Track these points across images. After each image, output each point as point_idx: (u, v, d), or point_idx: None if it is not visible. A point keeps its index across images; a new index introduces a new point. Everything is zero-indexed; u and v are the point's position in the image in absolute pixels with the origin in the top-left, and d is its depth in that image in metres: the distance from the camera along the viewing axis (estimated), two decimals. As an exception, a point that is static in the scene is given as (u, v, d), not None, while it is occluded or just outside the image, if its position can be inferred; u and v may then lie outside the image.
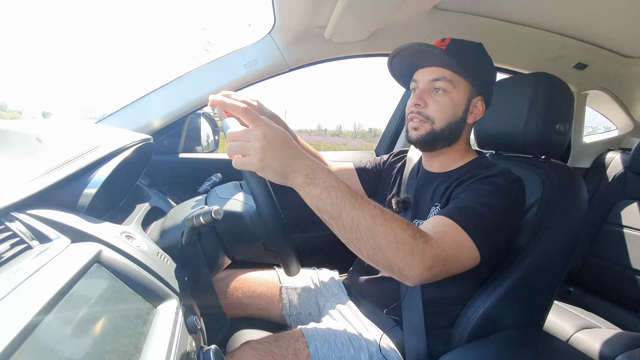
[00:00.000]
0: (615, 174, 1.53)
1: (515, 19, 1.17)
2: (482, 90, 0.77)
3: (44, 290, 0.31)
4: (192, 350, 0.43)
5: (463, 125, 0.78)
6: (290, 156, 0.52)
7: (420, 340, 0.72)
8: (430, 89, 0.76)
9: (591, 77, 1.49)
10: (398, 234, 0.53)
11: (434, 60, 0.75)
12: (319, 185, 0.52)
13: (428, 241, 0.56)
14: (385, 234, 0.53)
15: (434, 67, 0.75)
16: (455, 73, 0.74)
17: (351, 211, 0.52)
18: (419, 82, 0.78)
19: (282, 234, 0.60)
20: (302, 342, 0.70)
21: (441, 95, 0.75)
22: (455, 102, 0.75)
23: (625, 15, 1.10)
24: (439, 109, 0.75)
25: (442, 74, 0.74)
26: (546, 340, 0.71)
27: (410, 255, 0.53)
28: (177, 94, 1.09)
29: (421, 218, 0.79)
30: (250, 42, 1.12)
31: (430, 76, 0.75)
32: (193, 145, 1.24)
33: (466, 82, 0.75)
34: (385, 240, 0.53)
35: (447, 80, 0.74)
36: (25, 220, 0.41)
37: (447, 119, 0.75)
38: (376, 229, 0.52)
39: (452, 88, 0.74)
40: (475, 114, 0.78)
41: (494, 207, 0.65)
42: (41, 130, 0.57)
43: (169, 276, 0.50)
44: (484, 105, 0.79)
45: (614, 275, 1.35)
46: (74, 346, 0.31)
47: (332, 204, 0.52)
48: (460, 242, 0.60)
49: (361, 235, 0.53)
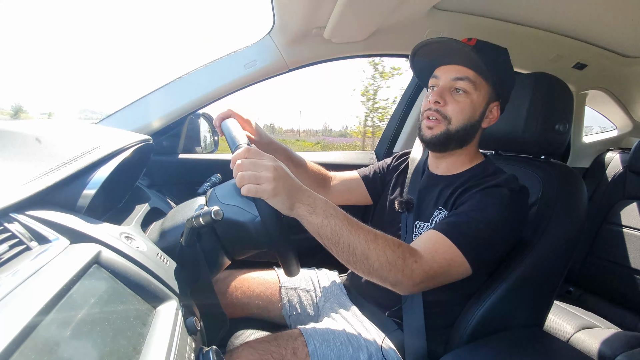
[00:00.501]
0: (614, 173, 1.53)
1: (515, 18, 1.17)
2: (500, 95, 0.76)
3: (43, 291, 0.31)
4: (191, 351, 0.43)
5: (477, 129, 0.77)
6: (295, 188, 0.57)
7: (421, 340, 0.72)
8: (451, 88, 0.74)
9: (590, 77, 1.49)
10: (390, 256, 0.59)
11: (459, 58, 0.73)
12: (320, 214, 0.57)
13: (418, 260, 0.61)
14: (378, 256, 0.58)
15: (458, 65, 0.73)
16: (479, 74, 0.72)
17: (348, 237, 0.58)
18: (441, 79, 0.75)
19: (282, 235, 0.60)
20: (300, 342, 0.70)
21: (462, 95, 0.73)
22: (474, 104, 0.74)
23: (625, 15, 1.10)
24: (458, 110, 0.73)
25: (466, 73, 0.72)
26: (546, 340, 0.71)
27: (401, 274, 0.59)
28: (176, 95, 1.09)
29: (424, 220, 0.78)
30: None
31: (453, 74, 0.73)
32: (192, 146, 1.24)
33: (487, 86, 0.74)
34: (378, 262, 0.59)
35: (470, 81, 0.72)
36: (24, 221, 0.41)
37: (464, 121, 0.74)
38: (370, 252, 0.58)
39: (474, 90, 0.73)
40: (490, 119, 0.77)
41: (492, 221, 0.65)
42: (40, 130, 0.57)
43: (168, 277, 0.50)
44: (499, 112, 0.78)
45: (614, 275, 1.35)
46: (73, 347, 0.31)
47: (331, 231, 0.57)
48: (451, 258, 0.63)
49: (357, 258, 0.59)
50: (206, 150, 1.28)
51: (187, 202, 0.72)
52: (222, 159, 1.22)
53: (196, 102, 1.10)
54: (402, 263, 0.59)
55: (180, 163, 1.17)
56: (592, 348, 1.02)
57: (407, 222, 0.81)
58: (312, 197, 0.58)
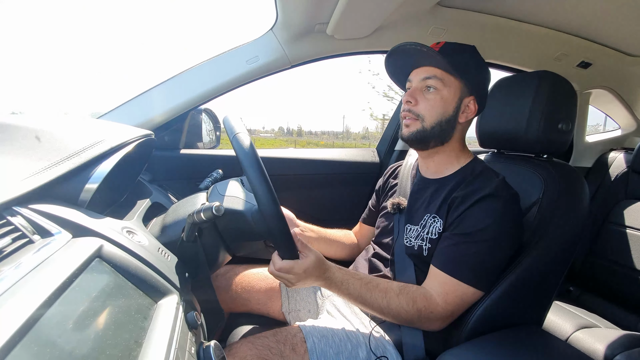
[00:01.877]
0: (617, 173, 1.52)
1: (519, 16, 1.16)
2: (474, 90, 0.78)
3: (45, 284, 0.32)
4: (192, 345, 0.43)
5: (454, 124, 0.79)
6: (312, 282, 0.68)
7: (419, 338, 0.73)
8: (422, 88, 0.78)
9: (595, 75, 1.48)
10: (404, 316, 0.69)
11: (427, 60, 0.77)
12: (334, 289, 0.70)
13: (433, 310, 0.68)
14: (393, 317, 0.70)
15: (427, 66, 0.77)
16: (446, 72, 0.76)
17: (363, 306, 0.71)
18: (413, 81, 0.80)
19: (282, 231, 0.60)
20: (299, 338, 0.71)
21: (432, 93, 0.76)
22: (445, 100, 0.76)
23: (630, 14, 1.09)
24: (429, 107, 0.77)
25: (433, 72, 0.76)
26: (545, 339, 0.71)
27: (420, 324, 0.71)
28: (178, 90, 1.09)
29: (414, 224, 0.80)
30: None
31: (422, 75, 0.78)
32: (194, 141, 1.24)
33: (457, 82, 0.76)
34: (398, 320, 0.71)
35: (437, 79, 0.76)
36: (27, 214, 0.42)
37: (436, 117, 0.77)
38: (386, 316, 0.71)
39: (443, 86, 0.76)
40: (467, 114, 0.79)
41: (493, 240, 0.69)
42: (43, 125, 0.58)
43: (169, 271, 0.50)
44: (477, 105, 0.79)
45: (615, 274, 1.35)
46: (75, 340, 0.31)
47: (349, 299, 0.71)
48: (462, 293, 0.69)
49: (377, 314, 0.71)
50: (208, 146, 1.28)
51: (188, 198, 0.73)
52: (224, 154, 1.22)
53: (198, 98, 1.10)
54: (417, 318, 0.69)
55: (182, 158, 1.17)
56: (591, 347, 1.02)
57: (399, 223, 0.84)
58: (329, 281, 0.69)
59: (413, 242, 0.78)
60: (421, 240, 0.77)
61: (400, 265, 0.79)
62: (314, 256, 0.66)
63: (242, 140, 0.59)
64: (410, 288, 0.71)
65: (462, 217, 0.72)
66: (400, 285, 0.71)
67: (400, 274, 0.79)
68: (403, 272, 0.79)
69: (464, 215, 0.71)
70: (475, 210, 0.71)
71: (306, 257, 0.65)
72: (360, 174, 1.43)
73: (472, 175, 0.78)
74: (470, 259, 0.69)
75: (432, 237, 0.75)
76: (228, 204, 0.65)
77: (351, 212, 1.14)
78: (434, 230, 0.75)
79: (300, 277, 0.65)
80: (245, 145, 0.58)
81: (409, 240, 0.79)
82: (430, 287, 0.71)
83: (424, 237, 0.77)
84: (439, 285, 0.70)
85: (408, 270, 0.78)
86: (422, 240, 0.77)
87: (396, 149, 1.49)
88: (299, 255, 0.65)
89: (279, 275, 0.65)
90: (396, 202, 0.86)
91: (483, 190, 0.72)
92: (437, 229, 0.75)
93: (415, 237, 0.78)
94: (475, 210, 0.71)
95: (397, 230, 0.84)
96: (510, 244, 0.72)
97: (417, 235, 0.78)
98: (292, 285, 0.67)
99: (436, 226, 0.75)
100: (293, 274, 0.64)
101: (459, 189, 0.75)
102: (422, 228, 0.78)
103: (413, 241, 0.78)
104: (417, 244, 0.77)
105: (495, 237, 0.69)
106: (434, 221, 0.76)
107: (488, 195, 0.71)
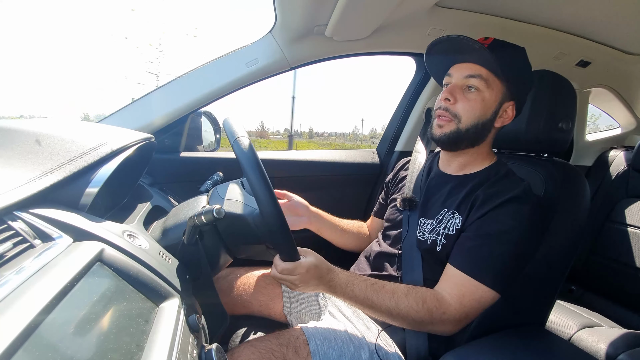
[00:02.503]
0: (618, 172, 1.52)
1: (517, 16, 1.16)
2: (515, 95, 0.75)
3: (46, 288, 0.32)
4: (194, 348, 0.43)
5: (490, 128, 0.76)
6: (315, 285, 0.66)
7: (422, 339, 0.72)
8: (463, 86, 0.74)
9: (594, 74, 1.48)
10: (415, 317, 0.65)
11: (473, 56, 0.72)
12: (340, 295, 0.68)
13: (446, 310, 0.65)
14: (403, 319, 0.66)
15: (471, 63, 0.73)
16: (492, 73, 0.72)
17: (370, 309, 0.68)
18: (453, 76, 0.76)
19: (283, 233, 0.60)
20: (302, 340, 0.71)
21: (473, 93, 0.73)
22: (486, 102, 0.73)
23: (629, 12, 1.09)
24: (468, 108, 0.73)
25: (479, 71, 0.72)
26: (548, 339, 0.71)
27: (432, 326, 0.67)
28: (178, 93, 1.09)
29: (429, 217, 0.79)
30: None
31: (465, 72, 0.73)
32: (194, 144, 1.24)
33: (501, 84, 0.73)
34: (407, 324, 0.67)
35: (482, 79, 0.72)
36: (28, 219, 0.42)
37: (474, 119, 0.73)
38: (394, 319, 0.67)
39: (486, 88, 0.72)
40: (504, 119, 0.76)
41: (517, 243, 0.67)
42: (43, 129, 0.58)
43: (170, 275, 0.50)
44: (515, 112, 0.77)
45: (617, 273, 1.35)
46: (76, 344, 0.31)
47: (355, 304, 0.69)
48: (480, 296, 0.66)
49: (385, 318, 0.68)
50: (208, 149, 1.28)
51: (189, 201, 0.73)
52: (224, 157, 1.22)
53: (198, 101, 1.10)
54: (429, 319, 0.65)
55: (182, 161, 1.17)
56: (594, 347, 1.02)
57: (409, 220, 0.82)
58: (331, 284, 0.67)
59: (427, 236, 0.76)
60: (436, 235, 0.75)
61: (408, 260, 0.78)
62: (313, 257, 0.66)
63: (243, 143, 0.59)
64: (419, 289, 0.69)
65: (485, 217, 0.69)
66: (407, 286, 0.70)
67: (408, 269, 0.77)
68: (410, 267, 0.77)
69: (488, 215, 0.69)
70: (502, 212, 0.68)
71: (307, 257, 0.65)
72: (360, 175, 1.43)
73: (497, 176, 0.76)
74: (494, 261, 0.66)
75: (449, 232, 0.73)
76: (229, 206, 0.65)
77: (352, 213, 1.14)
78: (451, 227, 0.73)
79: (303, 278, 0.64)
80: (245, 148, 0.58)
81: (422, 234, 0.77)
82: (443, 288, 0.69)
83: (439, 231, 0.75)
84: (455, 286, 0.68)
85: (416, 265, 0.76)
86: (437, 235, 0.75)
87: (396, 150, 1.49)
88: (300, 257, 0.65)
89: (281, 278, 0.65)
90: (407, 198, 0.83)
91: (510, 192, 0.69)
92: (456, 225, 0.73)
93: (430, 232, 0.76)
94: (501, 211, 0.68)
95: (406, 226, 0.81)
96: (532, 249, 0.70)
97: (432, 229, 0.76)
98: (295, 287, 0.66)
99: (455, 222, 0.73)
100: (296, 274, 0.64)
101: (482, 188, 0.73)
102: (438, 222, 0.76)
103: (427, 235, 0.76)
104: (432, 238, 0.75)
105: (519, 241, 0.67)
106: (452, 217, 0.74)
107: (515, 198, 0.68)
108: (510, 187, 0.71)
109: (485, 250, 0.67)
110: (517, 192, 0.70)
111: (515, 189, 0.70)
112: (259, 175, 0.56)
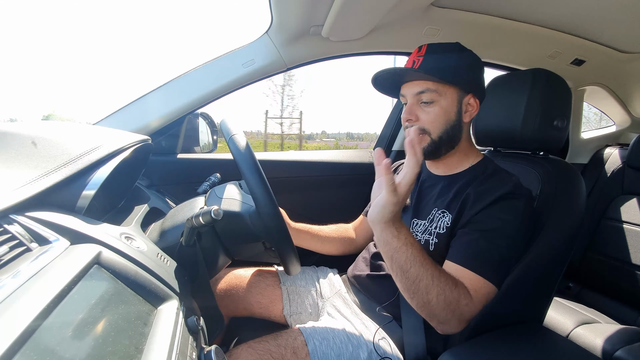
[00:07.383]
0: (613, 169, 1.53)
1: (512, 15, 1.17)
2: (470, 88, 0.76)
3: (43, 292, 0.31)
4: (193, 350, 0.43)
5: (461, 127, 0.78)
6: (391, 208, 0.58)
7: (420, 337, 0.72)
8: (419, 102, 0.76)
9: (588, 73, 1.49)
10: (448, 295, 0.61)
11: (414, 75, 0.75)
12: (402, 239, 0.60)
13: (469, 303, 0.63)
14: (437, 293, 0.60)
15: (416, 80, 0.75)
16: (438, 82, 0.73)
17: (419, 269, 0.60)
18: (407, 96, 0.78)
19: (282, 233, 0.60)
20: (300, 341, 0.71)
21: (430, 106, 0.74)
22: (446, 108, 0.75)
23: (623, 11, 1.10)
24: (432, 120, 0.75)
25: (426, 85, 0.74)
26: (546, 336, 0.71)
27: (452, 314, 0.62)
28: (174, 94, 1.09)
29: (421, 218, 0.80)
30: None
31: (415, 89, 0.75)
32: (191, 146, 1.24)
33: (452, 87, 0.74)
34: (436, 299, 0.60)
35: (431, 91, 0.74)
36: (24, 222, 0.41)
37: (442, 127, 0.75)
38: (432, 288, 0.60)
39: (439, 97, 0.74)
40: (470, 112, 0.78)
41: (512, 239, 0.68)
42: (39, 132, 0.57)
43: (169, 277, 0.50)
44: (478, 101, 0.78)
45: (613, 270, 1.36)
46: (74, 348, 0.31)
47: (406, 259, 0.60)
48: (487, 294, 0.65)
49: (419, 289, 0.61)
50: (205, 150, 1.28)
51: (186, 202, 0.72)
52: (221, 158, 1.21)
53: (195, 102, 1.09)
54: (456, 303, 0.62)
55: (179, 163, 1.17)
56: (591, 343, 1.02)
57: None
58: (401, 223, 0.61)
59: (420, 237, 0.77)
60: (428, 235, 0.76)
61: None
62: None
63: (239, 141, 0.59)
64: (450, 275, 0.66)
65: (480, 214, 0.70)
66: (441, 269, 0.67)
67: None
68: None
69: (483, 213, 0.70)
70: (496, 209, 0.69)
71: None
72: (357, 175, 1.43)
73: (485, 173, 0.77)
74: (493, 258, 0.66)
75: (440, 231, 0.74)
76: (226, 206, 0.65)
77: (349, 214, 1.14)
78: (442, 225, 0.75)
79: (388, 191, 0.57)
80: (241, 146, 0.58)
81: (415, 234, 0.78)
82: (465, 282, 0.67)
83: (431, 231, 0.76)
84: (470, 283, 0.65)
85: None
86: (429, 234, 0.76)
87: (394, 149, 1.49)
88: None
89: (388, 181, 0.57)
90: None
91: (502, 188, 0.70)
92: (446, 223, 0.74)
93: (423, 232, 0.77)
94: (495, 208, 0.69)
95: None
96: (525, 243, 0.71)
97: (424, 229, 0.77)
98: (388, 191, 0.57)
99: (445, 220, 0.75)
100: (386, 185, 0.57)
101: (472, 186, 0.74)
102: (429, 222, 0.77)
103: (420, 236, 0.78)
104: (424, 238, 0.76)
105: (515, 235, 0.68)
106: (442, 216, 0.76)
107: (508, 194, 0.69)
108: (501, 184, 0.72)
109: (484, 244, 0.67)
110: (509, 188, 0.70)
111: (506, 185, 0.71)
112: (254, 171, 0.56)
